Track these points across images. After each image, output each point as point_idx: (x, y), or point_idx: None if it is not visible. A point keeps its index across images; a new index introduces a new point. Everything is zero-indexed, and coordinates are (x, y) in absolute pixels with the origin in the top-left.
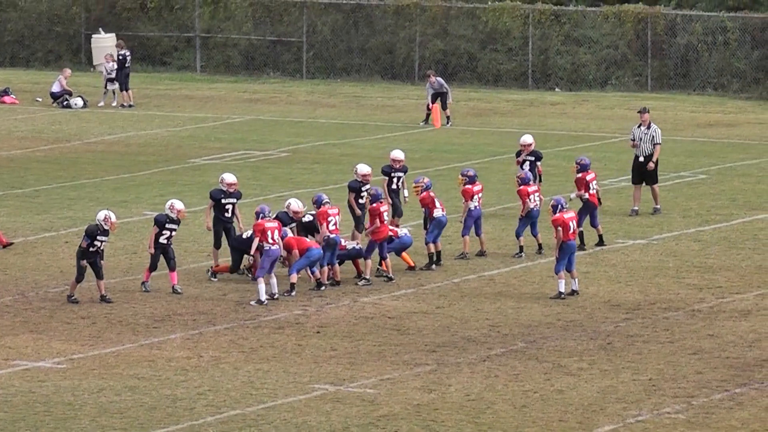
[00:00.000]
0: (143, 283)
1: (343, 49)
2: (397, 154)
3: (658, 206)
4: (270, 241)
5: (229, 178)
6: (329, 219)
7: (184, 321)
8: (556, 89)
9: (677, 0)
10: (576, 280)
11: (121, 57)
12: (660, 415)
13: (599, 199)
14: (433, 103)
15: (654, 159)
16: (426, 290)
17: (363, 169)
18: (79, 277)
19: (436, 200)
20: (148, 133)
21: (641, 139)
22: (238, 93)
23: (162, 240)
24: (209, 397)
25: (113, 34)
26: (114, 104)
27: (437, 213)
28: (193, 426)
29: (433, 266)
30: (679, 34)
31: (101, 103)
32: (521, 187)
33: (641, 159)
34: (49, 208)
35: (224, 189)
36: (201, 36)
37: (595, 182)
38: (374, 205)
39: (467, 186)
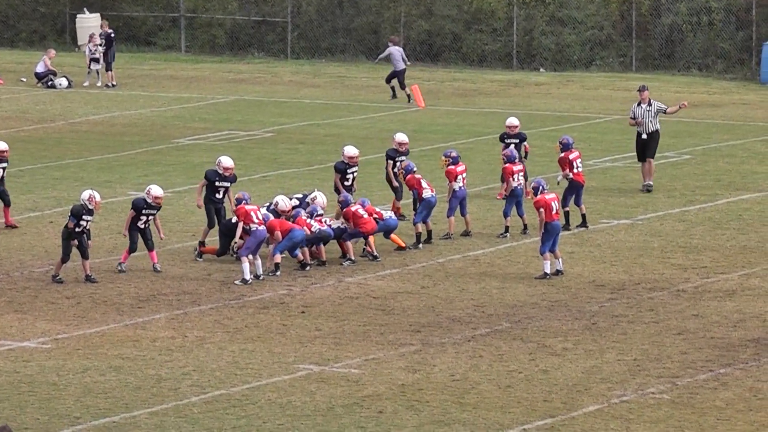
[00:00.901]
0: (120, 263)
1: (328, 29)
2: (401, 137)
3: (651, 182)
4: (255, 221)
5: (226, 161)
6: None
7: (168, 301)
8: (541, 70)
9: None
10: (560, 260)
11: (106, 36)
12: (645, 395)
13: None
14: (388, 82)
15: (672, 110)
16: (411, 270)
17: (350, 150)
18: (65, 258)
19: (422, 181)
20: (133, 114)
21: (643, 116)
22: (223, 73)
23: (139, 224)
24: (194, 377)
25: (98, 14)
26: (99, 84)
27: (426, 194)
28: (178, 406)
29: (420, 245)
30: (663, 15)
31: (86, 83)
32: (506, 165)
33: (644, 136)
34: (33, 188)
35: (220, 172)
36: (186, 16)
37: (579, 161)
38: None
39: (450, 167)
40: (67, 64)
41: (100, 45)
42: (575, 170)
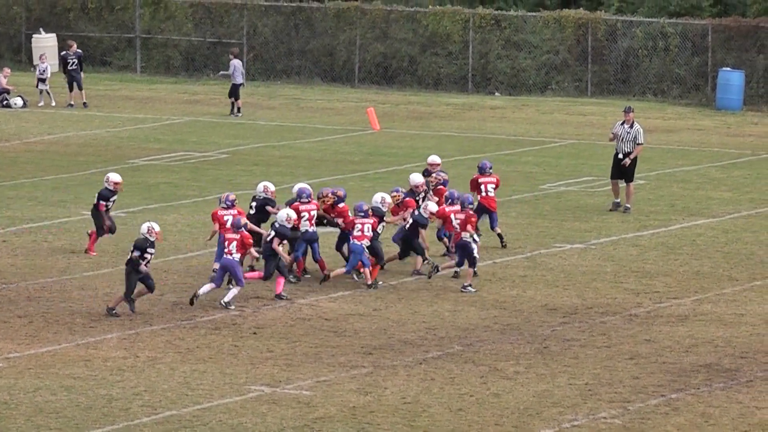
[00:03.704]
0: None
1: (283, 51)
2: (434, 158)
3: (629, 206)
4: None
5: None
6: (302, 215)
7: (120, 321)
8: (496, 93)
9: (618, 5)
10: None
11: (78, 57)
12: (596, 419)
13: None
14: (232, 96)
15: (632, 156)
16: (363, 292)
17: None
18: (128, 293)
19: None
20: (88, 134)
21: (622, 137)
22: (178, 94)
23: (143, 266)
24: (145, 398)
25: (54, 34)
26: (53, 104)
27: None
28: (129, 426)
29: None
30: (619, 40)
31: (41, 103)
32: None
33: (620, 156)
34: None
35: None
36: (141, 36)
37: (492, 186)
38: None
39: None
40: (22, 83)
41: (71, 66)
42: (483, 194)
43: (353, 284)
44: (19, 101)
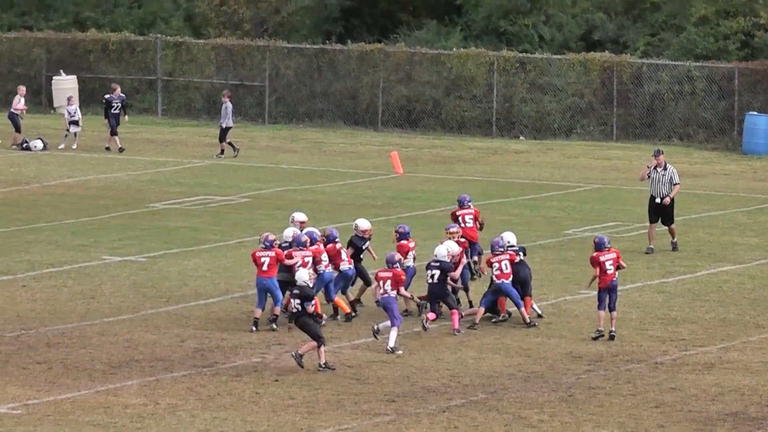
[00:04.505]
0: None
1: (305, 93)
2: (364, 223)
3: (675, 240)
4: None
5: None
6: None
7: (141, 367)
8: (521, 137)
9: (644, 48)
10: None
11: (122, 100)
12: None
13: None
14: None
15: (672, 195)
16: (386, 339)
17: (363, 224)
18: (321, 338)
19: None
20: (108, 177)
21: (657, 180)
22: (199, 137)
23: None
24: None
25: (74, 76)
26: (74, 147)
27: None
28: None
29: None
30: (645, 83)
31: (61, 146)
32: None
33: (657, 200)
34: (6, 251)
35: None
36: (163, 79)
37: (470, 217)
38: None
39: (401, 242)
40: (42, 126)
41: (115, 110)
42: (462, 225)
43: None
44: (39, 144)
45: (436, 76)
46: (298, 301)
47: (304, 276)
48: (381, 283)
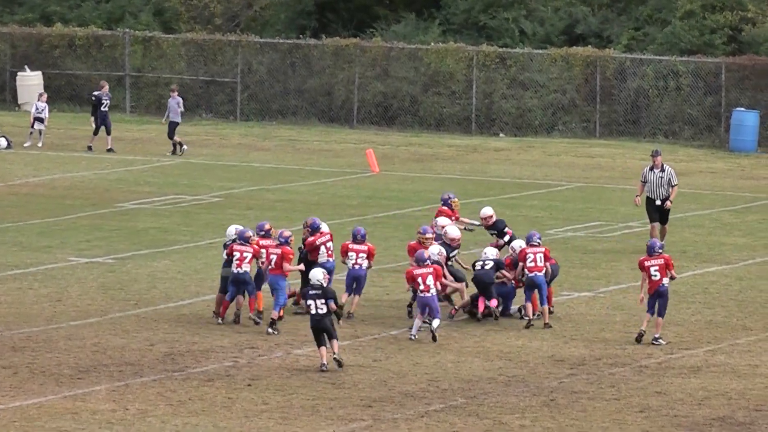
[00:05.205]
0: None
1: (279, 90)
2: (486, 211)
3: (663, 243)
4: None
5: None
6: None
7: (109, 372)
8: (501, 134)
9: (627, 43)
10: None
11: (108, 98)
12: None
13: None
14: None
15: (671, 198)
16: (362, 342)
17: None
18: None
19: (323, 247)
20: (75, 176)
21: (655, 182)
22: None
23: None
24: None
25: (39, 72)
26: (40, 145)
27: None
28: None
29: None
30: (629, 79)
31: (27, 144)
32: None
33: (657, 202)
34: None
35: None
36: (131, 75)
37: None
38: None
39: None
40: (7, 123)
41: (104, 108)
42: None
43: (351, 334)
44: (3, 142)
45: (414, 71)
46: (322, 301)
47: (318, 275)
48: (421, 279)
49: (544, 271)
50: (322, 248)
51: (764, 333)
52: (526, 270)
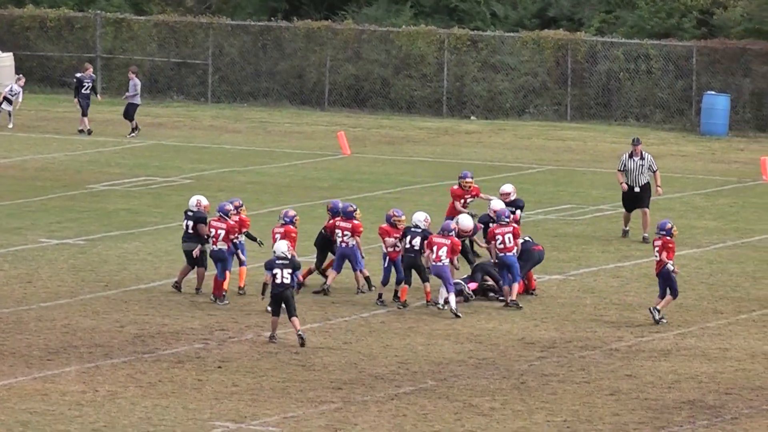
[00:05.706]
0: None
1: (250, 72)
2: (506, 188)
3: (647, 235)
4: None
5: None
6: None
7: (79, 353)
8: (472, 117)
9: (598, 26)
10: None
11: (90, 81)
12: None
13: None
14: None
15: (659, 183)
16: (333, 325)
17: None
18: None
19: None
20: (46, 157)
21: (635, 170)
22: (140, 116)
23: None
24: None
25: (11, 54)
26: (10, 126)
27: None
28: None
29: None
30: (600, 62)
31: (11, 126)
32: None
33: (636, 189)
34: None
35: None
36: (102, 56)
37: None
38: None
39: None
40: None
41: (85, 90)
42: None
43: (322, 316)
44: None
45: (385, 54)
46: (289, 271)
47: (282, 247)
48: (435, 248)
49: (515, 250)
50: (338, 231)
51: (734, 316)
52: (496, 251)
